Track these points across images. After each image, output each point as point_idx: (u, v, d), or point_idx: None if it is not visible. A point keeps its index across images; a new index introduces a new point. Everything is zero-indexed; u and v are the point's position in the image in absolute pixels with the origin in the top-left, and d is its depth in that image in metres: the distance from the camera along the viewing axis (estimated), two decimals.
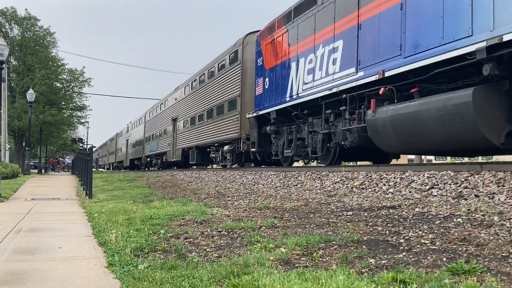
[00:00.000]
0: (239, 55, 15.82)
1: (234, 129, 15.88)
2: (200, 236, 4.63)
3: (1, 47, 15.47)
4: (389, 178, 7.22)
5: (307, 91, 10.83)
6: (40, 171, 35.42)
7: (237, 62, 16.01)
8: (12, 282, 3.25)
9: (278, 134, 13.10)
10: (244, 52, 15.61)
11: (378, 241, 3.90)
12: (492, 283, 2.61)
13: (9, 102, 31.38)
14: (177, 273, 3.21)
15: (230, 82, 16.50)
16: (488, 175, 5.79)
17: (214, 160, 19.21)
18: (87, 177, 11.34)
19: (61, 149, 65.45)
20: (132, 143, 39.22)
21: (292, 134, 12.17)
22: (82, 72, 38.43)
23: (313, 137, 11.06)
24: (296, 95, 11.48)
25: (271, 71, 13.15)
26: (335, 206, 6.03)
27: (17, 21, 35.48)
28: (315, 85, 10.49)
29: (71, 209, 8.39)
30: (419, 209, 5.10)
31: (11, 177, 19.29)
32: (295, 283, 2.77)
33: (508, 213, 4.31)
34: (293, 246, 3.76)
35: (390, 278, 2.75)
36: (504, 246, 3.36)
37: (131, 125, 40.93)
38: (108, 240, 4.54)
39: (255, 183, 10.55)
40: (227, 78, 16.91)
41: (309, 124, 11.24)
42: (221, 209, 6.59)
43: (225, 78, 17.14)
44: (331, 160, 10.94)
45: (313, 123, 11.10)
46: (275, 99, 12.73)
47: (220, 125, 17.41)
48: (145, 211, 6.53)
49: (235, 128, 15.79)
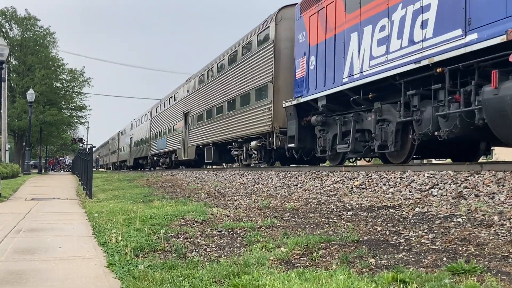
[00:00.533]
0: (271, 33, 13.22)
1: (264, 121, 13.45)
2: (200, 236, 4.63)
3: (1, 47, 15.48)
4: (389, 178, 7.22)
5: (376, 68, 8.56)
6: (40, 171, 35.45)
7: (268, 41, 13.46)
8: (12, 282, 3.25)
9: (326, 125, 10.86)
10: (278, 29, 13.08)
11: (378, 241, 3.90)
12: (492, 283, 2.61)
13: (9, 102, 31.40)
14: (177, 273, 3.21)
15: (259, 66, 13.98)
16: (488, 175, 5.79)
17: (236, 159, 16.77)
18: (87, 177, 11.34)
19: (61, 149, 65.46)
20: (136, 141, 36.96)
21: (348, 125, 9.88)
22: (82, 72, 38.57)
23: (382, 128, 8.79)
24: (358, 73, 9.16)
25: (318, 47, 10.80)
26: (335, 206, 6.03)
27: (17, 21, 35.53)
28: (389, 59, 8.19)
29: (71, 209, 8.39)
30: (419, 209, 5.10)
31: (11, 177, 19.30)
32: (295, 283, 2.76)
33: (508, 212, 4.32)
34: (293, 246, 3.76)
35: (390, 278, 2.75)
36: (504, 245, 3.36)
37: (135, 122, 38.82)
38: (108, 240, 4.54)
39: (255, 183, 10.55)
40: (255, 62, 14.37)
41: (376, 111, 8.95)
42: (221, 209, 6.59)
43: (252, 62, 14.62)
44: (406, 156, 8.78)
45: (382, 109, 8.86)
46: (325, 82, 10.44)
47: (245, 117, 15.00)
48: (145, 211, 6.53)
49: (266, 120, 13.35)
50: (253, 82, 14.41)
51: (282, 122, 12.76)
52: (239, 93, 15.69)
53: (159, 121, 29.57)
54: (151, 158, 31.16)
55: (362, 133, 9.64)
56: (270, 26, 13.36)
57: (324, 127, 10.95)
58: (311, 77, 11.14)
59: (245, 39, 15.61)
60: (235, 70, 16.19)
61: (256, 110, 14.07)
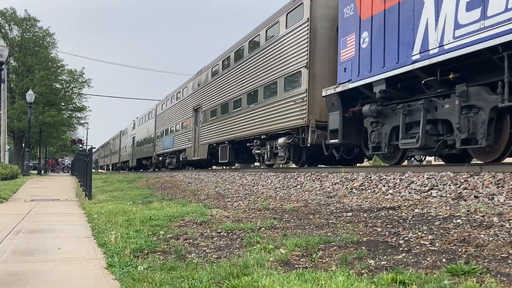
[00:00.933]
0: (306, 11, 11.43)
1: (296, 114, 11.59)
2: (199, 237, 4.63)
3: (0, 48, 15.48)
4: (389, 179, 7.22)
5: (466, 39, 6.83)
6: (40, 172, 35.44)
7: (301, 21, 11.66)
8: (12, 283, 3.24)
9: (381, 117, 8.98)
10: (313, 6, 11.29)
11: (377, 242, 3.90)
12: (492, 284, 2.61)
13: (9, 103, 31.42)
14: (176, 274, 3.21)
15: (289, 51, 12.16)
16: (488, 176, 5.80)
17: (258, 158, 14.81)
18: (86, 178, 11.33)
19: (61, 150, 65.44)
20: (139, 140, 35.29)
21: (415, 114, 8.07)
22: (81, 73, 38.61)
23: (469, 117, 7.07)
24: (436, 48, 7.35)
25: (374, 21, 9.00)
26: (334, 207, 6.03)
27: (17, 22, 35.57)
28: (487, 25, 6.47)
29: (71, 210, 8.38)
30: (418, 210, 5.10)
31: (11, 178, 19.29)
32: (295, 284, 2.76)
33: (507, 214, 4.32)
34: (293, 247, 3.77)
35: (389, 279, 2.75)
36: (503, 247, 3.36)
37: (138, 121, 37.15)
38: (108, 241, 4.54)
39: (254, 184, 10.55)
40: (284, 46, 12.50)
41: (460, 95, 7.12)
42: (220, 210, 6.59)
43: (280, 46, 12.72)
44: (502, 153, 7.12)
45: (469, 93, 7.08)
46: (385, 62, 8.57)
47: (270, 111, 13.17)
48: (144, 212, 6.53)
49: (298, 113, 11.46)
50: (282, 69, 12.57)
51: (318, 115, 11.03)
52: (262, 83, 13.81)
53: (165, 119, 27.89)
54: (156, 159, 29.63)
55: (434, 125, 7.88)
56: (304, 2, 11.54)
57: (378, 119, 9.08)
58: (363, 57, 9.24)
59: (270, 21, 13.61)
60: (258, 57, 14.26)
61: (285, 101, 12.23)
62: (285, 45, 12.49)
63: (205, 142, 19.29)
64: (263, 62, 13.85)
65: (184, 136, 22.79)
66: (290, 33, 12.23)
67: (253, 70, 14.56)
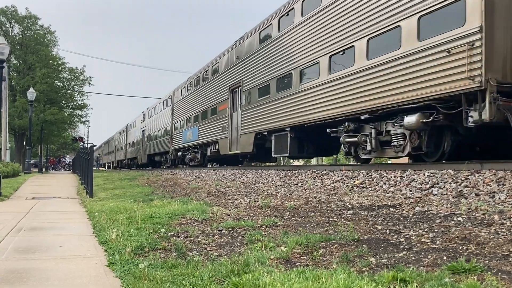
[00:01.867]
0: None
1: (452, 71, 7.18)
2: (200, 235, 4.63)
3: (1, 46, 15.46)
4: (390, 177, 7.22)
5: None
6: (41, 170, 35.43)
7: None
8: (13, 281, 3.25)
9: None
10: None
11: (378, 240, 3.90)
12: (493, 282, 2.61)
13: (10, 101, 31.43)
14: (177, 272, 3.21)
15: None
16: (489, 174, 5.80)
17: (347, 149, 10.41)
18: (87, 176, 11.35)
19: (62, 148, 65.51)
20: (151, 134, 30.56)
21: None
22: (82, 70, 38.60)
23: None
24: None
25: None
26: (335, 205, 6.03)
27: (18, 19, 35.57)
28: None
29: (72, 208, 8.39)
30: (419, 208, 5.10)
31: (12, 176, 19.32)
32: (296, 282, 2.77)
33: (508, 212, 4.31)
34: (294, 245, 3.77)
35: (390, 277, 2.75)
36: (504, 245, 3.36)
37: (149, 112, 32.32)
38: (109, 239, 4.54)
39: (255, 182, 10.55)
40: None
41: None
42: (221, 208, 6.59)
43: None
44: None
45: None
46: None
47: (387, 72, 8.52)
48: (145, 210, 6.53)
49: (458, 69, 7.07)
50: None
51: (500, 72, 6.83)
52: (368, 31, 9.08)
53: (186, 106, 23.04)
54: (173, 154, 25.00)
55: None
56: None
57: None
58: None
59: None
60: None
61: (425, 54, 7.67)
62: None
63: (250, 131, 14.96)
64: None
65: (215, 125, 18.42)
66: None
67: (347, 17, 9.72)
